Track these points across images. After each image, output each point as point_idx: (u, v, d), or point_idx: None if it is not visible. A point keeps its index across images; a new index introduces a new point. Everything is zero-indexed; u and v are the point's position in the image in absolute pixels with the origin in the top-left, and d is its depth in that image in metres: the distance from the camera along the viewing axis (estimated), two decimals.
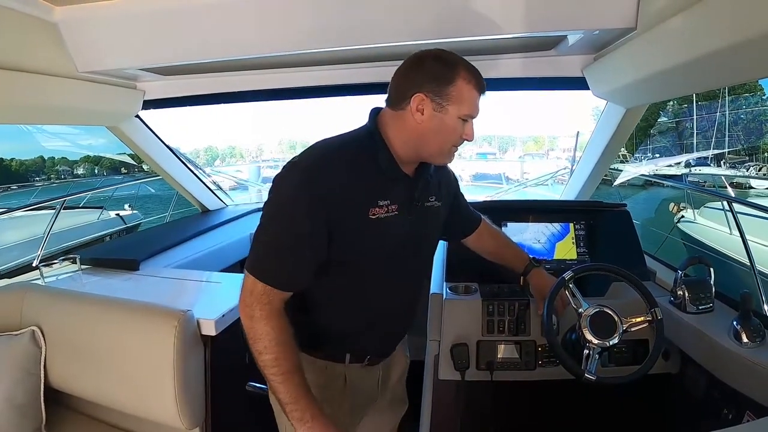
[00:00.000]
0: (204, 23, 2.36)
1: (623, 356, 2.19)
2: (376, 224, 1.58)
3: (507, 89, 3.07)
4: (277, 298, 1.54)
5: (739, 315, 1.85)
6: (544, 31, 2.19)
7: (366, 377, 1.90)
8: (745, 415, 1.79)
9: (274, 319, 1.53)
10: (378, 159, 1.60)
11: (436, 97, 1.54)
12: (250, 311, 1.52)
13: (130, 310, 2.17)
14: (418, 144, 1.62)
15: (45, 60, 2.45)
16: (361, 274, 1.68)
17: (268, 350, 1.51)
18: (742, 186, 20.75)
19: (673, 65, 1.84)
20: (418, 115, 1.56)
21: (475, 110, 1.62)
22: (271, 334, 1.51)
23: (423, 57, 1.60)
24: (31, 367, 2.23)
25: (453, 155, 1.73)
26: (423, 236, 1.81)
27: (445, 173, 2.00)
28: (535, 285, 2.21)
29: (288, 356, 1.53)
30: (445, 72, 1.55)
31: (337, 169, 1.53)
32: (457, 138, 1.63)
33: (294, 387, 1.52)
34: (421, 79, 1.56)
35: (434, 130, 1.58)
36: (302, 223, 1.49)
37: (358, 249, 1.60)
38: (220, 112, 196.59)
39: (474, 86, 1.58)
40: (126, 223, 11.55)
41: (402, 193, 1.66)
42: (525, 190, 6.96)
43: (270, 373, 1.52)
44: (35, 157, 54.34)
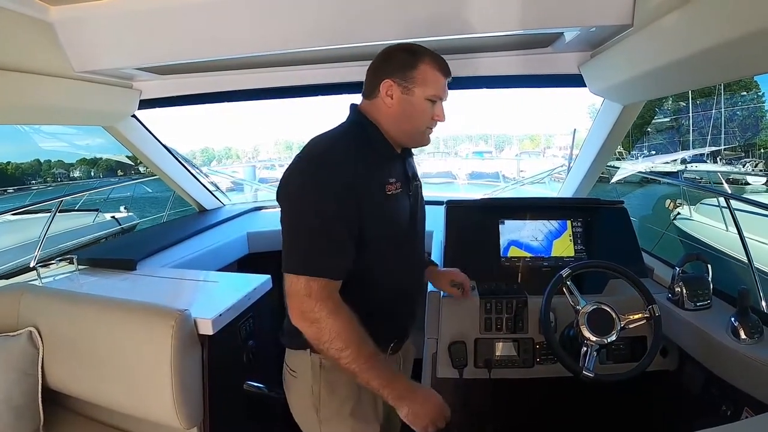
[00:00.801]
0: (200, 22, 2.35)
1: (621, 353, 2.19)
2: (391, 199, 1.69)
3: (503, 86, 3.05)
4: (334, 290, 1.56)
5: (737, 311, 1.84)
6: (541, 28, 2.19)
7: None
8: (744, 412, 1.78)
9: (341, 311, 1.53)
10: (372, 142, 1.70)
11: (402, 81, 1.67)
12: (313, 315, 1.51)
13: (127, 309, 2.16)
14: (396, 126, 1.74)
15: (41, 60, 2.44)
16: (383, 249, 1.71)
17: (348, 343, 1.51)
18: (738, 182, 20.79)
19: (669, 62, 1.84)
20: (388, 100, 1.70)
21: (442, 91, 1.74)
22: (345, 325, 1.52)
23: (390, 50, 1.75)
24: (29, 368, 2.23)
25: (428, 137, 1.83)
26: (419, 213, 1.91)
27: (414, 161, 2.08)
28: (437, 278, 2.28)
29: (367, 339, 1.56)
30: (410, 59, 1.68)
31: (347, 153, 1.60)
32: (428, 119, 1.75)
33: (383, 368, 1.56)
34: (388, 68, 1.70)
35: (405, 112, 1.71)
36: (332, 205, 1.52)
37: (380, 225, 1.66)
38: (217, 113, 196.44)
39: (437, 69, 1.70)
40: (121, 225, 11.54)
41: (400, 171, 1.80)
42: (522, 188, 6.96)
43: (357, 365, 1.52)
44: (31, 160, 54.33)
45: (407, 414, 1.54)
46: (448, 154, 47.30)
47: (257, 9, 2.27)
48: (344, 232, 1.55)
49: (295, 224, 1.57)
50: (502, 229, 2.59)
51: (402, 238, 1.78)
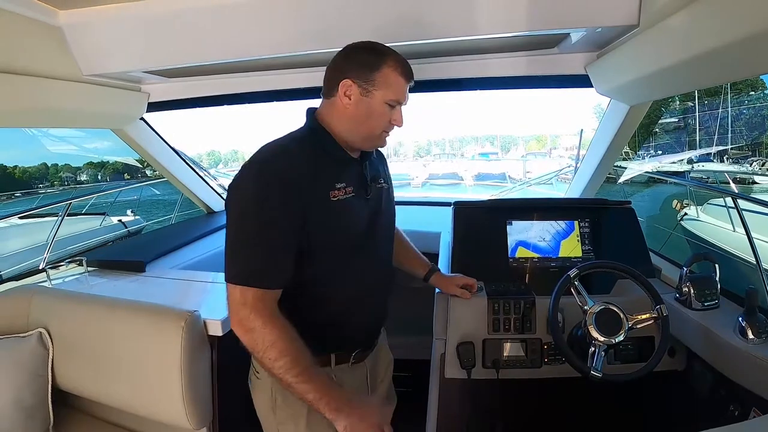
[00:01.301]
0: (208, 25, 2.36)
1: (629, 353, 2.19)
2: (338, 206, 1.64)
3: (510, 88, 3.06)
4: (271, 299, 1.54)
5: (745, 311, 1.84)
6: (547, 29, 2.19)
7: (354, 377, 1.91)
8: (752, 412, 1.78)
9: (277, 321, 1.52)
10: (324, 146, 1.67)
11: (362, 82, 1.63)
12: (248, 324, 1.50)
13: (136, 311, 2.17)
14: (351, 128, 1.71)
15: (50, 64, 2.46)
16: (331, 259, 1.69)
17: (284, 353, 1.49)
18: (745, 182, 20.70)
19: (675, 62, 1.84)
20: (346, 100, 1.65)
21: (402, 96, 1.70)
22: (280, 335, 1.50)
23: (352, 47, 1.71)
24: (39, 369, 2.25)
25: (384, 140, 1.80)
26: (382, 217, 1.87)
27: (384, 161, 2.09)
28: (443, 283, 2.32)
29: (303, 351, 1.53)
30: (372, 59, 1.64)
31: (293, 160, 1.58)
32: (385, 123, 1.71)
33: (319, 381, 1.53)
34: (348, 67, 1.66)
35: (362, 114, 1.67)
36: (273, 214, 1.51)
37: (325, 233, 1.63)
38: (223, 116, 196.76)
39: (400, 73, 1.66)
40: (128, 228, 11.57)
41: (354, 175, 1.75)
42: (529, 189, 6.96)
43: (291, 376, 1.50)
44: (38, 163, 54.45)
45: (344, 428, 1.53)
46: (454, 156, 47.33)
47: (265, 11, 2.28)
48: (283, 241, 1.55)
49: (234, 232, 1.56)
50: (509, 230, 2.59)
51: (357, 245, 1.74)
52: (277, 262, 1.54)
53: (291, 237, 1.55)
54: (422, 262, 2.35)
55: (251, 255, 1.52)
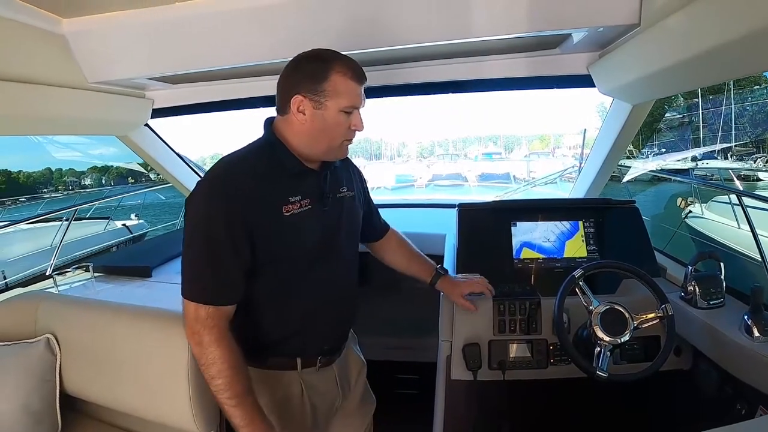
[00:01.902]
0: (211, 31, 2.37)
1: (635, 353, 2.19)
2: (291, 220, 1.64)
3: (513, 89, 3.06)
4: (222, 317, 1.59)
5: (750, 309, 1.83)
6: (548, 30, 2.19)
7: (323, 381, 1.93)
8: (759, 410, 1.78)
9: (223, 342, 1.57)
10: (280, 159, 1.66)
11: (313, 95, 1.61)
12: (198, 338, 1.57)
13: (143, 316, 2.18)
14: (310, 142, 1.68)
15: (54, 72, 2.46)
16: (288, 271, 1.72)
17: (221, 374, 1.55)
18: (750, 179, 20.66)
19: (677, 60, 1.84)
20: (300, 116, 1.63)
21: (357, 100, 1.67)
22: (222, 357, 1.56)
23: (298, 59, 1.68)
24: (47, 374, 2.25)
25: (346, 149, 1.79)
26: (343, 227, 1.85)
27: (352, 167, 2.09)
28: (449, 289, 2.28)
29: (240, 379, 1.59)
30: (319, 69, 1.61)
31: (243, 176, 1.59)
32: (344, 131, 1.70)
33: (248, 409, 1.58)
34: (297, 81, 1.63)
35: (319, 128, 1.65)
36: (220, 232, 1.53)
37: (279, 247, 1.64)
38: (227, 120, 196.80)
39: (350, 77, 1.62)
40: (132, 233, 11.60)
41: (312, 187, 1.74)
42: (533, 189, 6.95)
43: (224, 397, 1.57)
44: (43, 168, 54.57)
45: None
46: (457, 156, 47.31)
47: (267, 16, 2.28)
48: (229, 260, 1.57)
49: (186, 249, 1.59)
50: (514, 231, 2.59)
51: (313, 258, 1.75)
52: (224, 281, 1.59)
53: (237, 255, 1.57)
54: (426, 267, 2.33)
55: (201, 273, 1.58)
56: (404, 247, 2.35)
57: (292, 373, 1.84)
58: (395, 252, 2.34)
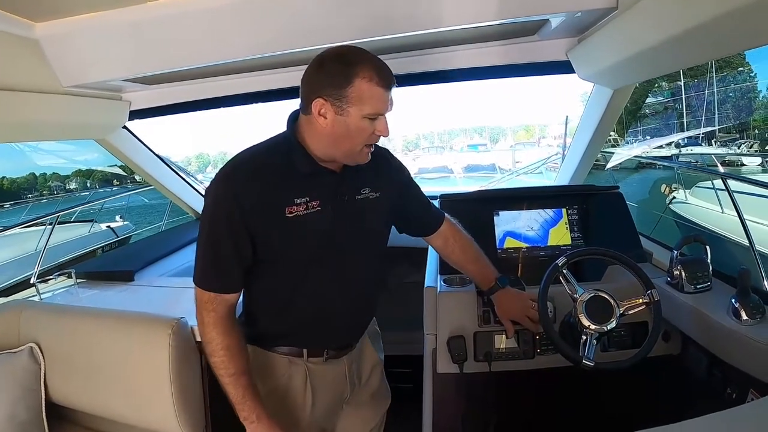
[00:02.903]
0: (185, 30, 2.34)
1: (623, 340, 2.19)
2: (294, 222, 1.63)
3: (491, 77, 3.04)
4: (222, 303, 1.68)
5: (737, 292, 1.83)
6: (525, 15, 2.18)
7: (330, 372, 1.93)
8: (749, 393, 1.77)
9: (220, 325, 1.68)
10: (293, 158, 1.64)
11: (335, 100, 1.53)
12: (200, 318, 1.69)
13: (125, 321, 2.18)
14: (330, 146, 1.64)
15: (28, 77, 2.43)
16: (290, 271, 1.75)
17: (216, 353, 1.67)
18: (734, 164, 20.79)
19: (656, 42, 1.83)
20: (322, 120, 1.57)
21: (382, 107, 1.59)
22: (217, 338, 1.67)
23: (323, 58, 1.59)
24: (31, 384, 2.23)
25: (367, 155, 1.71)
26: (359, 229, 1.81)
27: (384, 162, 1.98)
28: (500, 306, 2.17)
29: (235, 360, 1.68)
30: (343, 72, 1.52)
31: (251, 173, 1.61)
32: (367, 137, 1.62)
33: (241, 388, 1.68)
34: (320, 83, 1.56)
35: (341, 133, 1.59)
36: (222, 226, 1.61)
37: (280, 248, 1.68)
38: (212, 119, 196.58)
39: (376, 83, 1.54)
40: (117, 235, 11.56)
41: (327, 189, 1.71)
42: (518, 179, 6.95)
43: (219, 374, 1.68)
44: (27, 174, 54.31)
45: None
46: (443, 149, 47.39)
47: (243, 13, 2.26)
48: (231, 253, 1.63)
49: (199, 236, 1.68)
50: (497, 221, 2.59)
51: (319, 258, 1.73)
52: (222, 272, 1.67)
53: (235, 250, 1.63)
54: (486, 274, 2.20)
55: (207, 261, 1.68)
56: (461, 248, 2.22)
57: (299, 360, 1.87)
58: (452, 252, 2.23)
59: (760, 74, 30.78)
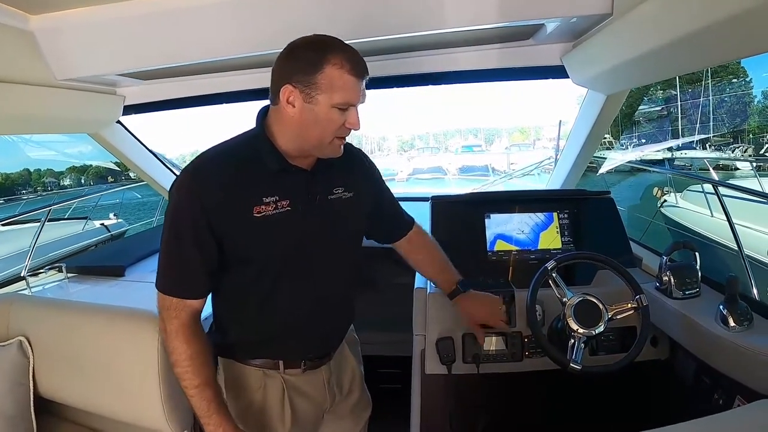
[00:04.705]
0: (182, 26, 2.34)
1: (612, 344, 2.20)
2: (262, 222, 1.57)
3: (486, 80, 3.05)
4: (185, 309, 1.59)
5: (726, 299, 1.83)
6: (521, 20, 2.18)
7: (308, 384, 1.86)
8: (736, 400, 1.78)
9: (182, 334, 1.58)
10: (261, 155, 1.59)
11: (304, 87, 1.48)
12: (162, 325, 1.61)
13: (113, 316, 2.16)
14: (298, 137, 1.57)
15: (22, 69, 2.42)
16: (260, 276, 1.66)
17: (179, 364, 1.58)
18: (728, 168, 20.84)
19: (650, 49, 1.84)
20: (290, 108, 1.52)
21: (353, 97, 1.54)
22: (180, 348, 1.57)
23: (294, 44, 1.54)
24: (20, 378, 2.22)
25: (339, 147, 1.64)
26: (331, 230, 1.74)
27: (359, 161, 1.94)
28: (466, 312, 2.15)
29: (199, 371, 1.58)
30: (313, 58, 1.47)
31: (216, 172, 1.55)
32: (336, 128, 1.56)
33: (206, 401, 1.57)
34: (289, 69, 1.51)
35: (309, 122, 1.53)
36: (186, 227, 1.53)
37: (248, 248, 1.60)
38: (207, 116, 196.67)
39: (348, 71, 1.48)
40: (111, 232, 11.52)
41: (297, 187, 1.64)
42: (511, 181, 6.96)
43: (183, 385, 1.59)
44: (21, 169, 54.11)
45: None
46: (438, 150, 47.41)
47: (239, 9, 2.25)
48: (195, 256, 1.55)
49: (161, 240, 1.59)
50: (488, 223, 2.59)
51: (290, 260, 1.67)
52: (186, 275, 1.59)
53: (200, 252, 1.55)
54: (449, 280, 2.17)
55: (168, 266, 1.60)
56: (429, 254, 2.20)
57: (274, 373, 1.78)
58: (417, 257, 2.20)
59: (756, 81, 30.97)
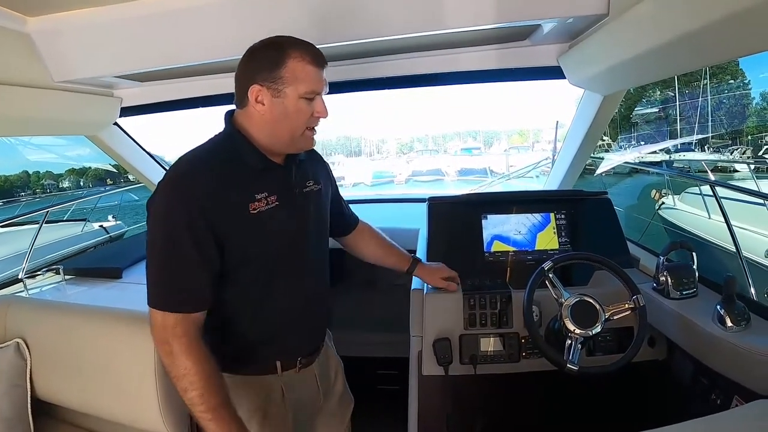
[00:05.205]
0: (179, 27, 2.34)
1: (609, 345, 2.20)
2: (258, 218, 1.58)
3: (483, 81, 3.05)
4: (191, 325, 1.52)
5: (723, 299, 1.82)
6: (517, 20, 2.19)
7: (304, 383, 1.89)
8: (733, 400, 1.77)
9: (194, 351, 1.49)
10: (243, 155, 1.60)
11: (271, 83, 1.55)
12: (168, 348, 1.49)
13: (110, 318, 2.16)
14: (272, 134, 1.63)
15: (19, 71, 2.43)
16: (261, 271, 1.66)
17: (194, 386, 1.47)
18: (727, 170, 20.84)
19: (647, 49, 1.85)
20: (260, 107, 1.58)
21: (317, 86, 1.61)
22: (194, 368, 1.48)
23: (253, 49, 1.62)
24: (17, 380, 2.22)
25: (310, 139, 1.72)
26: (312, 222, 1.78)
27: (317, 159, 2.02)
28: (427, 276, 2.32)
29: (215, 390, 1.50)
30: (274, 56, 1.55)
31: (205, 173, 1.53)
32: (306, 118, 1.63)
33: (226, 423, 1.49)
34: (253, 71, 1.58)
35: (280, 117, 1.59)
36: (183, 235, 1.47)
37: (248, 247, 1.59)
38: (207, 118, 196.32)
39: (308, 62, 1.57)
40: (109, 233, 11.51)
41: (278, 183, 1.68)
42: (509, 182, 6.97)
43: (198, 411, 1.48)
44: (19, 171, 54.09)
45: None
46: (437, 152, 47.42)
47: (237, 11, 2.26)
48: (197, 263, 1.50)
49: (151, 253, 1.53)
50: (485, 224, 2.58)
51: (284, 255, 1.70)
52: (189, 287, 1.52)
53: (201, 258, 1.51)
54: (403, 257, 2.33)
55: (168, 279, 1.51)
56: (378, 238, 2.33)
57: (272, 377, 1.78)
58: (368, 244, 2.31)
59: (754, 82, 31.01)
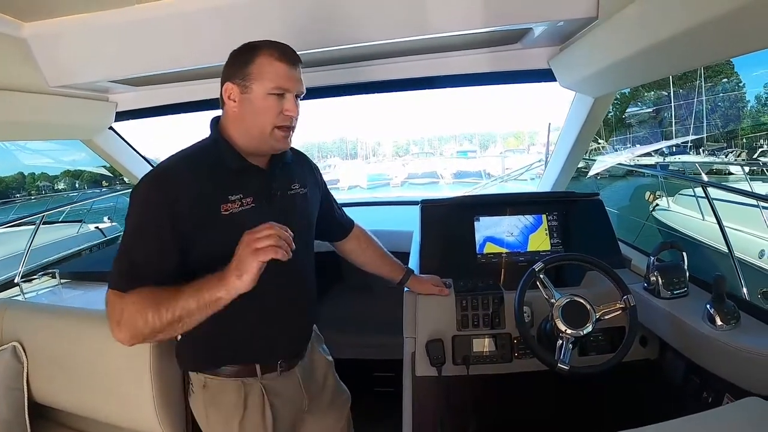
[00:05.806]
0: (173, 32, 2.36)
1: (601, 345, 2.21)
2: (230, 220, 1.58)
3: (475, 84, 3.05)
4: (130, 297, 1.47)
5: (713, 298, 1.84)
6: (507, 24, 2.21)
7: (286, 386, 1.89)
8: (725, 398, 1.79)
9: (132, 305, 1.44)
10: (223, 157, 1.63)
11: (240, 80, 1.59)
12: (117, 317, 1.45)
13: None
14: (245, 132, 1.65)
15: (15, 76, 2.44)
16: None
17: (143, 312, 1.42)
18: (721, 172, 20.84)
19: (635, 51, 1.87)
20: (231, 104, 1.62)
21: (285, 82, 1.60)
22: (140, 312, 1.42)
23: (233, 52, 1.66)
24: (14, 383, 2.23)
25: (282, 139, 1.68)
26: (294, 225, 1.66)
27: (305, 160, 2.05)
28: (419, 287, 2.34)
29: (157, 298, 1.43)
30: (246, 56, 1.60)
31: (181, 173, 1.56)
32: (275, 115, 1.62)
33: (189, 288, 1.44)
34: (228, 72, 1.63)
35: (248, 112, 1.61)
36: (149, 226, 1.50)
37: (218, 247, 1.52)
38: (199, 122, 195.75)
39: (277, 58, 1.58)
40: (105, 235, 11.48)
41: (256, 185, 1.69)
42: (503, 185, 6.96)
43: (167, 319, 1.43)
44: (15, 173, 53.86)
45: (235, 273, 1.41)
46: (433, 155, 47.38)
47: (230, 16, 2.27)
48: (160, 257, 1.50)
49: (122, 242, 1.53)
50: (477, 226, 2.60)
51: None
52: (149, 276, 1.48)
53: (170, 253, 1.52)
54: (396, 267, 2.34)
55: (125, 261, 1.50)
56: (373, 247, 2.33)
57: (252, 380, 1.79)
58: (364, 252, 2.31)
59: (748, 83, 31.06)
